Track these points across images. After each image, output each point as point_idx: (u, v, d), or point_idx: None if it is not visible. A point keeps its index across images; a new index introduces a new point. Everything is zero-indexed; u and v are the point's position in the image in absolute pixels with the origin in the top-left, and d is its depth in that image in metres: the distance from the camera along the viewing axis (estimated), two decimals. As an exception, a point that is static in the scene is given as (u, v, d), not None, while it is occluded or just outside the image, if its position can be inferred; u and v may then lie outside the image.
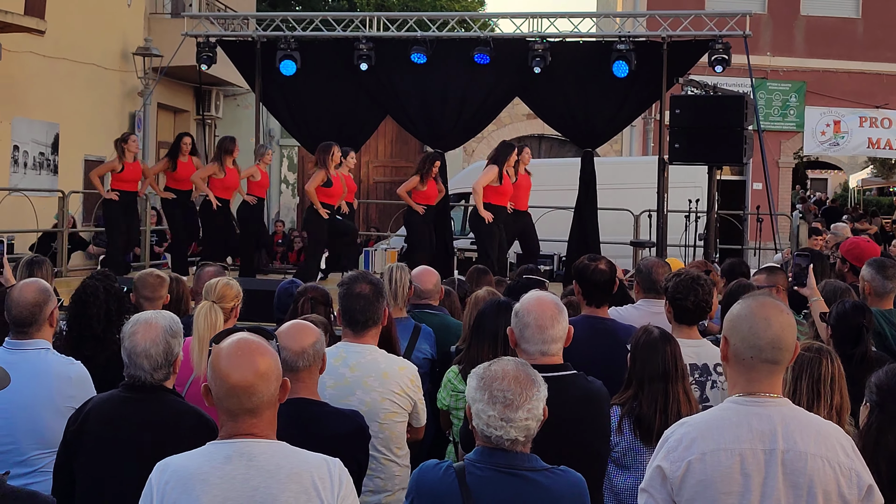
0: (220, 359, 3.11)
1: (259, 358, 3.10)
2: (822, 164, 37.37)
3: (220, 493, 3.01)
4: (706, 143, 12.71)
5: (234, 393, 3.07)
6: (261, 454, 3.06)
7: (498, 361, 3.42)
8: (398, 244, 16.24)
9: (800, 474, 3.07)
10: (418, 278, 6.59)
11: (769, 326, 3.14)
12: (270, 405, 3.13)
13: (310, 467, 3.09)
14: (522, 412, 3.28)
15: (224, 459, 3.06)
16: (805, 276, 6.09)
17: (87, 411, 4.09)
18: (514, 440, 3.30)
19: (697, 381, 5.24)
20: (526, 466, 3.34)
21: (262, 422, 3.11)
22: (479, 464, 3.34)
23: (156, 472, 3.12)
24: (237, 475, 3.03)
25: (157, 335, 4.09)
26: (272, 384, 3.11)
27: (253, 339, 3.17)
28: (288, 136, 21.73)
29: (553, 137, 23.87)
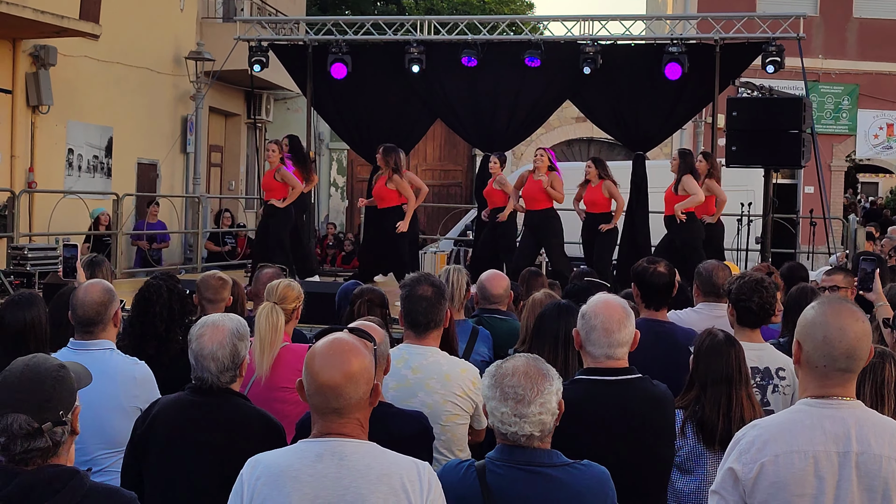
0: (315, 357, 3.13)
1: (352, 359, 3.11)
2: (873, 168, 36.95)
3: (311, 492, 3.02)
4: (764, 145, 12.59)
5: (322, 391, 3.08)
6: (352, 454, 3.07)
7: (510, 358, 3.41)
8: (447, 247, 16.25)
9: (874, 477, 3.04)
10: (489, 283, 6.58)
11: (844, 336, 3.11)
12: (360, 407, 3.14)
13: (400, 469, 3.09)
14: (535, 407, 3.27)
15: (315, 457, 3.07)
16: (871, 280, 6.02)
17: (154, 413, 4.13)
18: (529, 436, 3.28)
19: (759, 384, 5.19)
20: (546, 462, 3.32)
21: (351, 422, 3.11)
22: (498, 462, 3.34)
23: (247, 468, 3.14)
24: (328, 474, 3.04)
25: (223, 338, 4.12)
26: (361, 387, 3.12)
27: (348, 339, 3.18)
28: (337, 140, 21.86)
29: (602, 140, 23.78)
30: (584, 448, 3.62)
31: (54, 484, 2.95)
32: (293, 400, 5.06)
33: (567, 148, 25.24)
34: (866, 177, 40.37)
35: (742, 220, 15.29)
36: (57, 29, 14.98)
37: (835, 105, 24.64)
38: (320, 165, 23.49)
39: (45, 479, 2.95)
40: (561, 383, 3.39)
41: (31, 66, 15.85)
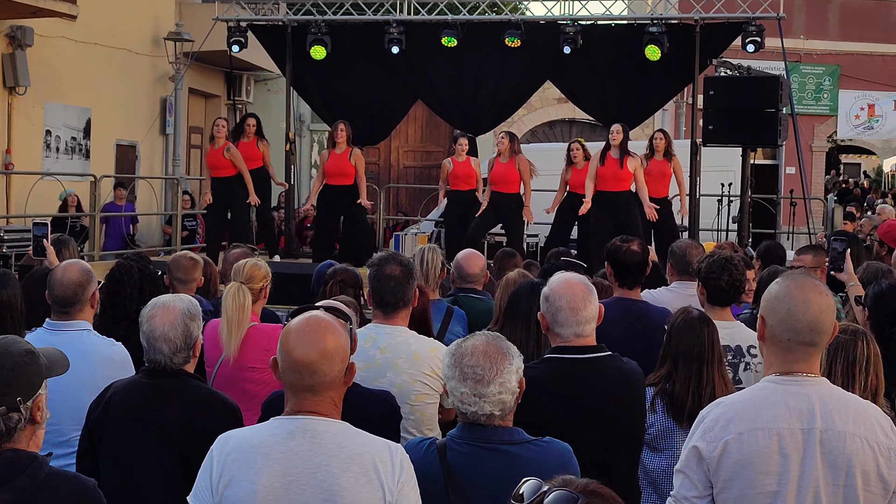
0: (290, 334, 3.10)
1: (328, 336, 3.08)
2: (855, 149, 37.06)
3: (282, 469, 2.99)
4: (741, 124, 12.59)
5: (296, 369, 3.05)
6: (324, 432, 3.04)
7: (470, 337, 3.37)
8: (428, 228, 16.21)
9: (838, 454, 3.02)
10: (465, 262, 6.54)
11: (808, 309, 3.09)
12: (334, 386, 3.11)
13: (372, 450, 3.06)
14: (494, 387, 3.23)
15: (287, 435, 3.04)
16: (842, 260, 6.01)
17: (108, 397, 4.08)
18: (489, 415, 3.25)
19: (730, 362, 5.19)
20: (506, 440, 3.29)
21: (324, 401, 3.09)
22: (459, 440, 3.31)
23: (217, 445, 3.11)
24: (300, 451, 3.01)
25: (175, 318, 4.06)
26: (336, 365, 3.09)
27: (324, 317, 3.15)
28: (318, 121, 21.73)
29: (584, 121, 23.75)
30: (555, 426, 3.59)
31: (10, 470, 2.90)
32: (261, 380, 5.05)
33: (549, 129, 25.23)
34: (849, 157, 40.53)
35: (722, 201, 15.30)
36: (33, 9, 14.87)
37: (816, 86, 24.66)
38: (301, 147, 23.39)
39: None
40: (521, 361, 3.36)
41: (8, 47, 15.73)
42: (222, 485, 3.02)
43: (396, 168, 25.04)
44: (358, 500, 2.98)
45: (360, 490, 2.99)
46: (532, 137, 24.82)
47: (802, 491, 3.02)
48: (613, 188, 12.07)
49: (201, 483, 3.08)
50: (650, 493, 4.58)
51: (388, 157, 24.96)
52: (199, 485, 3.09)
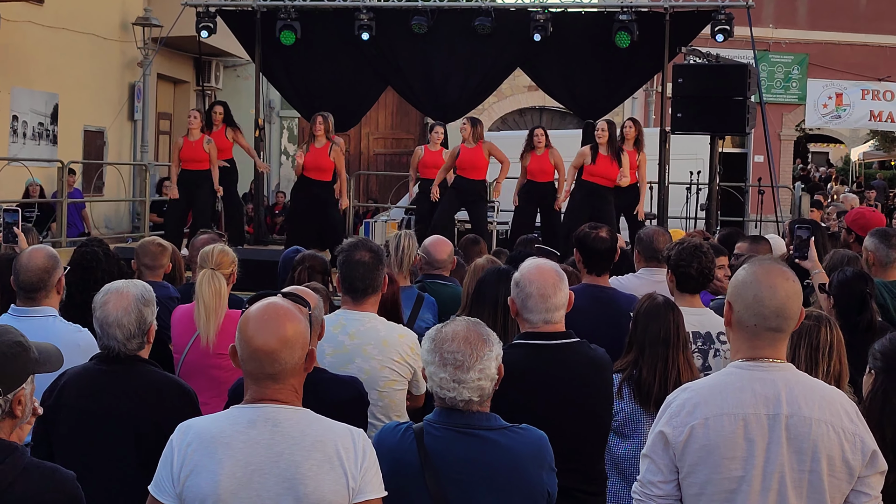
0: (248, 322, 3.07)
1: (287, 324, 3.07)
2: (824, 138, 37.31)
3: (243, 458, 2.98)
4: (708, 112, 12.63)
5: (256, 357, 3.04)
6: (286, 420, 3.04)
7: (450, 322, 3.37)
8: (398, 215, 16.19)
9: (804, 439, 3.04)
10: (433, 248, 6.54)
11: (774, 295, 3.10)
12: (295, 373, 3.10)
13: (334, 436, 3.06)
14: (474, 373, 3.24)
15: (248, 424, 3.03)
16: (806, 247, 6.03)
17: (62, 385, 4.02)
18: (468, 401, 3.26)
19: (700, 349, 5.22)
20: (483, 426, 3.30)
21: (285, 388, 3.08)
22: (436, 424, 3.31)
23: (177, 434, 3.09)
24: (261, 440, 3.00)
25: (128, 304, 4.02)
26: (297, 352, 3.08)
27: (283, 304, 3.14)
28: (288, 108, 21.66)
29: (554, 109, 23.78)
30: (523, 411, 3.60)
31: None
32: (229, 366, 4.95)
33: (519, 116, 25.25)
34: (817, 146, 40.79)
35: (691, 189, 15.36)
36: (-1, -7, 14.73)
37: (785, 74, 24.79)
38: (271, 133, 23.29)
39: None
40: (501, 348, 3.36)
41: (-26, 32, 15.58)
42: (184, 475, 3.01)
43: (366, 155, 24.99)
44: (321, 488, 2.98)
45: (323, 477, 2.99)
46: (502, 125, 24.83)
47: (768, 476, 3.04)
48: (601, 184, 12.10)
49: (162, 474, 3.06)
50: (616, 479, 4.60)
51: (359, 144, 24.89)
52: (159, 475, 3.07)
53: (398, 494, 3.26)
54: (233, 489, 2.97)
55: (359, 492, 3.03)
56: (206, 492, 2.98)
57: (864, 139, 33.76)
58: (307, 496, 2.97)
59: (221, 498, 2.97)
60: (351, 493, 3.02)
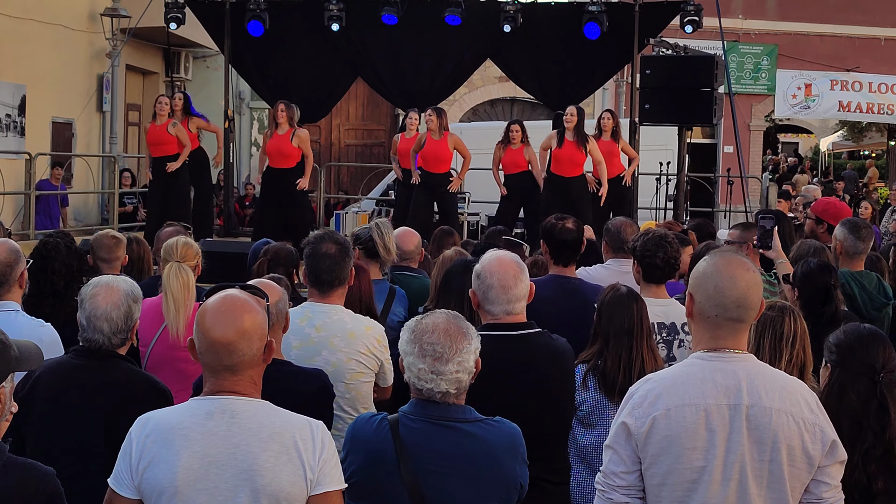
0: (206, 314, 3.08)
1: (244, 315, 3.06)
2: (793, 128, 37.50)
3: (201, 449, 2.99)
4: (676, 103, 12.70)
5: (214, 349, 3.04)
6: (243, 412, 3.04)
7: (430, 314, 3.38)
8: (369, 207, 16.18)
9: (764, 429, 3.06)
10: (400, 239, 6.54)
11: (735, 285, 3.12)
12: (253, 364, 3.10)
13: (292, 428, 3.06)
14: (452, 365, 3.25)
15: (206, 415, 3.03)
16: (770, 238, 6.06)
17: (36, 377, 4.01)
18: (445, 392, 3.27)
19: (665, 340, 5.25)
20: (459, 418, 3.31)
21: (244, 380, 3.08)
22: (412, 416, 3.32)
23: (136, 426, 3.09)
24: (219, 432, 3.00)
25: (118, 299, 4.03)
26: (255, 343, 3.08)
27: (240, 296, 3.13)
28: (258, 99, 21.52)
29: (526, 100, 23.78)
30: (487, 402, 3.59)
31: None
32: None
33: (490, 107, 25.24)
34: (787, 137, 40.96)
35: (661, 179, 15.42)
36: (-35, -16, 14.59)
37: (754, 65, 24.89)
38: (241, 125, 23.19)
39: None
40: (479, 342, 3.38)
41: (-61, 22, 15.43)
42: (142, 467, 3.01)
43: (338, 146, 24.91)
44: (278, 479, 2.99)
45: (281, 469, 2.99)
46: (473, 116, 24.83)
47: (728, 466, 3.06)
48: (569, 173, 12.11)
49: (121, 466, 3.07)
50: (581, 468, 4.63)
51: (330, 136, 24.81)
52: (118, 468, 3.07)
53: (373, 486, 3.29)
54: (190, 481, 2.97)
55: (317, 483, 3.03)
56: (163, 483, 2.98)
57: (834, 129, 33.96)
58: (264, 488, 2.98)
59: (179, 490, 2.97)
60: (309, 485, 3.02)
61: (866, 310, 6.18)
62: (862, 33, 24.85)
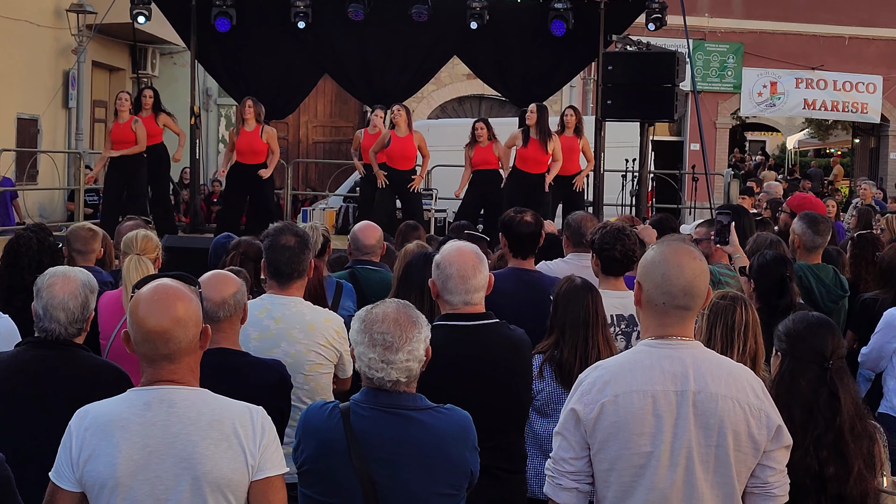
0: (139, 304, 3.08)
1: (177, 303, 3.08)
2: (761, 126, 37.76)
3: (140, 440, 3.01)
4: (638, 99, 12.75)
5: (150, 339, 3.05)
6: (182, 401, 3.06)
7: (381, 304, 3.40)
8: (336, 204, 16.16)
9: (710, 415, 3.12)
10: (361, 233, 6.56)
11: (682, 273, 3.18)
12: (189, 352, 3.12)
13: (232, 415, 3.09)
14: (402, 354, 3.27)
15: (144, 406, 3.05)
16: (727, 233, 6.13)
17: None
18: (395, 381, 3.29)
19: (623, 331, 5.31)
20: (409, 406, 3.33)
21: (181, 368, 3.10)
22: (363, 404, 3.33)
23: (76, 419, 3.10)
24: (157, 422, 3.02)
25: (75, 288, 4.03)
26: (190, 330, 3.10)
27: (172, 284, 3.15)
28: (226, 95, 21.47)
29: (493, 98, 23.84)
30: (444, 391, 3.62)
31: None
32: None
33: (458, 105, 25.28)
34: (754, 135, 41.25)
35: (626, 176, 15.50)
36: (-72, -21, 14.48)
37: (720, 63, 25.04)
38: (208, 121, 23.12)
39: None
40: (430, 331, 3.40)
41: None
42: (82, 460, 3.03)
43: (305, 143, 24.89)
44: (219, 467, 3.02)
45: (221, 456, 3.02)
46: (441, 113, 24.86)
47: (675, 451, 3.12)
48: (533, 170, 12.16)
49: (62, 460, 3.08)
50: (537, 457, 4.66)
51: (297, 132, 24.79)
52: (59, 462, 3.09)
53: (325, 473, 3.31)
54: (131, 471, 3.00)
55: (258, 469, 3.07)
56: (104, 475, 3.00)
57: (800, 128, 34.23)
58: (205, 475, 3.01)
59: (120, 481, 2.99)
60: (250, 471, 3.06)
61: (823, 302, 6.27)
62: (827, 31, 25.06)
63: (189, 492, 3.01)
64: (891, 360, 6.02)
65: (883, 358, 6.05)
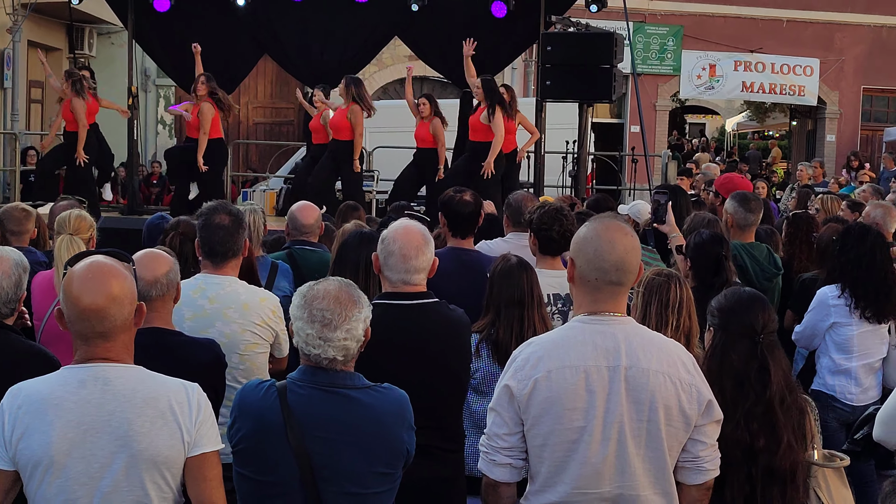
0: (73, 281, 3.05)
1: (112, 281, 3.05)
2: (701, 109, 38.07)
3: (75, 418, 2.98)
4: (577, 80, 12.74)
5: (85, 316, 3.02)
6: (117, 378, 3.04)
7: (323, 281, 3.39)
8: (277, 185, 16.07)
9: (642, 390, 3.15)
10: (299, 213, 6.52)
11: (614, 249, 3.20)
12: (125, 329, 3.09)
13: (167, 392, 3.07)
14: (341, 332, 3.26)
15: (79, 384, 3.02)
16: (664, 212, 6.18)
17: None
18: (332, 359, 3.27)
19: (560, 310, 5.33)
20: (347, 384, 3.32)
21: (116, 346, 3.07)
22: (300, 382, 3.32)
23: (8, 397, 3.07)
24: (92, 400, 3.00)
25: (8, 268, 3.98)
26: (126, 308, 3.07)
27: (106, 261, 3.12)
28: (164, 76, 21.26)
29: (436, 79, 23.77)
30: (381, 370, 3.62)
31: None
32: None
33: (401, 86, 25.11)
34: (694, 118, 41.56)
35: (567, 158, 15.55)
36: None
37: (660, 46, 25.20)
38: (147, 102, 22.85)
39: None
40: (371, 311, 3.39)
41: None
42: (15, 438, 3.00)
43: (246, 124, 24.68)
44: (155, 444, 3.01)
45: (157, 433, 3.01)
46: (383, 95, 24.77)
47: (608, 426, 3.14)
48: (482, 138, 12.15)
49: None
50: (475, 435, 4.65)
51: (238, 114, 24.53)
52: None
53: (260, 452, 3.30)
54: (65, 450, 2.97)
55: (194, 445, 3.07)
56: (38, 454, 2.97)
57: (739, 110, 34.55)
58: (141, 453, 3.00)
59: (55, 459, 2.97)
60: (186, 447, 3.06)
61: (757, 280, 6.34)
62: (765, 15, 25.31)
63: (124, 470, 3.00)
64: (824, 338, 6.09)
65: (816, 336, 6.13)
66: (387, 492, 3.38)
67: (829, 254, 6.43)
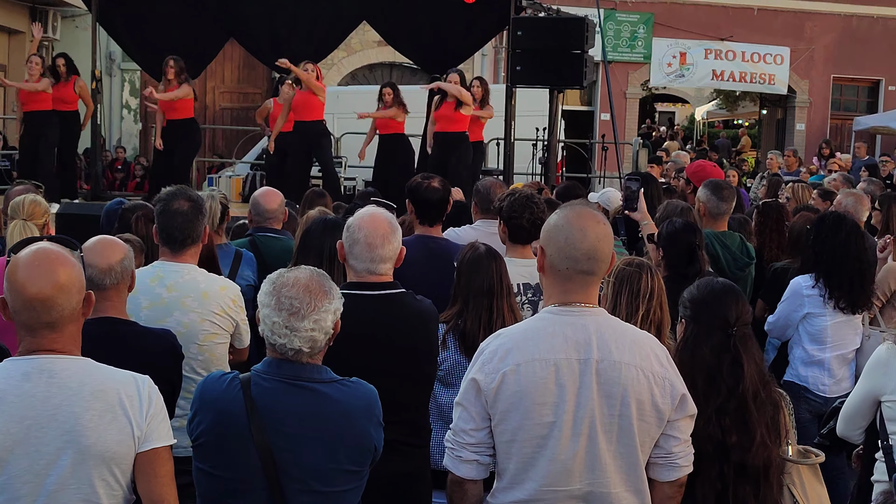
0: (18, 269, 2.90)
1: (59, 269, 2.91)
2: (671, 98, 38.13)
3: (18, 413, 2.85)
4: (547, 65, 12.67)
5: (31, 306, 2.88)
6: (63, 371, 2.91)
7: (295, 269, 3.26)
8: (244, 171, 15.88)
9: (614, 384, 3.04)
10: (263, 199, 6.40)
11: (585, 237, 3.08)
12: (72, 319, 2.96)
13: (116, 384, 2.95)
14: (308, 322, 3.12)
15: (23, 377, 2.89)
16: (636, 200, 6.09)
17: None
18: (298, 350, 3.14)
19: (530, 300, 5.23)
20: (314, 378, 3.19)
21: (63, 336, 2.94)
22: (265, 375, 3.19)
23: None
24: (37, 393, 2.87)
25: None
26: (73, 297, 2.93)
27: (53, 248, 2.98)
28: (129, 60, 20.99)
29: (405, 66, 23.63)
30: (346, 363, 3.49)
31: None
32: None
33: (369, 72, 25.03)
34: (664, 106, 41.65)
35: (537, 145, 15.46)
36: None
37: (631, 33, 25.16)
38: (112, 87, 22.58)
39: None
40: (342, 304, 3.26)
41: None
42: None
43: (212, 109, 24.43)
44: (104, 439, 2.88)
45: (106, 428, 2.89)
46: (352, 80, 24.59)
47: (578, 421, 3.03)
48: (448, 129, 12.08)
49: None
50: (440, 427, 4.56)
51: (204, 99, 24.26)
52: None
53: (222, 447, 3.17)
54: (8, 446, 2.84)
55: (145, 440, 2.95)
56: None
57: (709, 99, 34.62)
58: (89, 448, 2.87)
59: None
60: (137, 442, 2.94)
61: (730, 269, 6.26)
62: (736, 3, 25.33)
63: (71, 466, 2.87)
64: (797, 328, 6.02)
65: (789, 326, 6.07)
66: (353, 490, 3.26)
67: (802, 243, 6.36)
